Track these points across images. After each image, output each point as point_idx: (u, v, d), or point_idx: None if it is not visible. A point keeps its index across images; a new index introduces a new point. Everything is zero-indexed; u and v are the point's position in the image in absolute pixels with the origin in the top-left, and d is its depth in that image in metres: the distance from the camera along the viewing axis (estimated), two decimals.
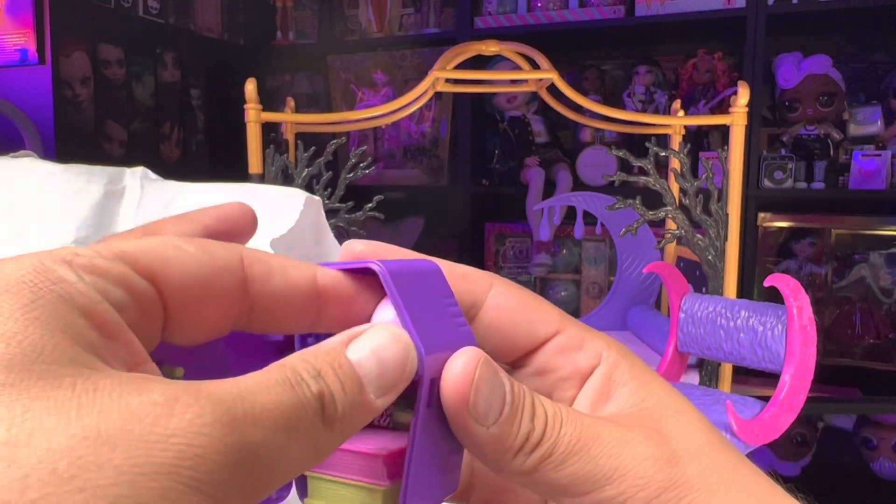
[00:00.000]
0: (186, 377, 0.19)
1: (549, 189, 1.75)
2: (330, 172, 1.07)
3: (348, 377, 0.17)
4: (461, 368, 0.19)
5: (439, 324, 0.20)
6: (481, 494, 0.25)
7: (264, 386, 0.16)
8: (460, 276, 0.22)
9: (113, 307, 0.16)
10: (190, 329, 0.18)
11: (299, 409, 0.16)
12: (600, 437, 0.20)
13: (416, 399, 0.19)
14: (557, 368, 0.22)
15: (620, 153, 0.96)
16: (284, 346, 0.23)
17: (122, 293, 0.16)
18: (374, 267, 0.19)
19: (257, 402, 0.15)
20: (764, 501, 0.20)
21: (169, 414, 0.13)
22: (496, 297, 0.22)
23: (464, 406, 0.19)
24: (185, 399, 0.14)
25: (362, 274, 0.20)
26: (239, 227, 0.22)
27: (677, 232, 0.95)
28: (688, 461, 0.20)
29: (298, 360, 0.17)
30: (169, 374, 0.19)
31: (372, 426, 0.22)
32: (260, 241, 0.45)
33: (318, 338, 0.22)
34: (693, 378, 1.01)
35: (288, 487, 0.22)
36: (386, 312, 0.20)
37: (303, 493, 0.22)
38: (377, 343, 0.18)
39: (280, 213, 0.52)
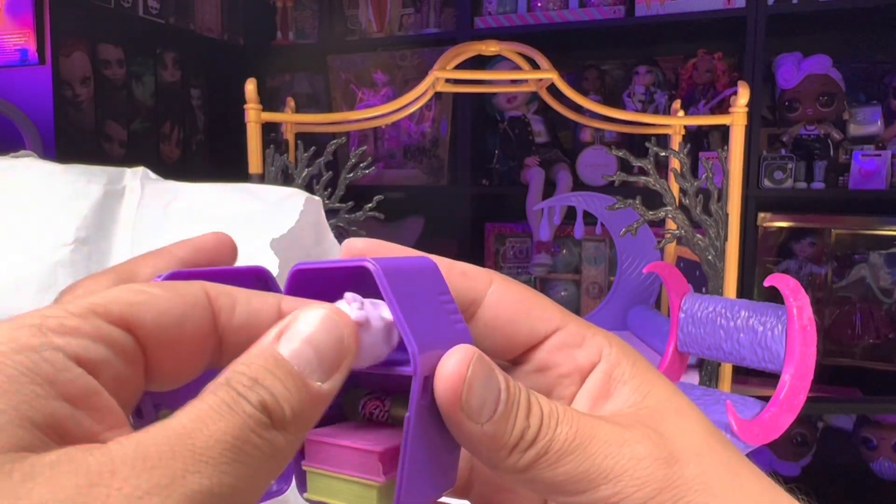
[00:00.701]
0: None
1: (549, 189, 1.75)
2: (330, 172, 1.07)
3: (287, 375, 0.17)
4: (454, 366, 0.19)
5: (434, 321, 0.20)
6: (481, 491, 0.25)
7: (202, 420, 0.15)
8: (460, 273, 0.22)
9: (95, 364, 0.16)
10: (169, 373, 0.18)
11: (245, 430, 0.15)
12: (597, 436, 0.20)
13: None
14: (557, 365, 0.22)
15: (620, 153, 0.96)
16: None
17: (102, 348, 0.16)
18: (368, 265, 0.19)
19: (198, 443, 0.15)
20: (765, 502, 0.20)
21: (106, 495, 0.13)
22: (496, 293, 0.22)
23: (457, 403, 0.19)
24: (122, 471, 0.14)
25: (357, 272, 0.20)
26: (217, 256, 0.23)
27: (677, 232, 0.95)
28: (687, 461, 0.20)
29: (232, 374, 0.16)
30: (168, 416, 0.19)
31: (371, 421, 0.22)
32: (260, 242, 0.45)
33: None
34: (693, 378, 1.01)
35: (287, 479, 0.23)
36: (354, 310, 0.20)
37: (302, 487, 0.22)
38: (307, 329, 0.18)
39: (280, 213, 0.52)
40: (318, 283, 0.22)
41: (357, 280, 0.21)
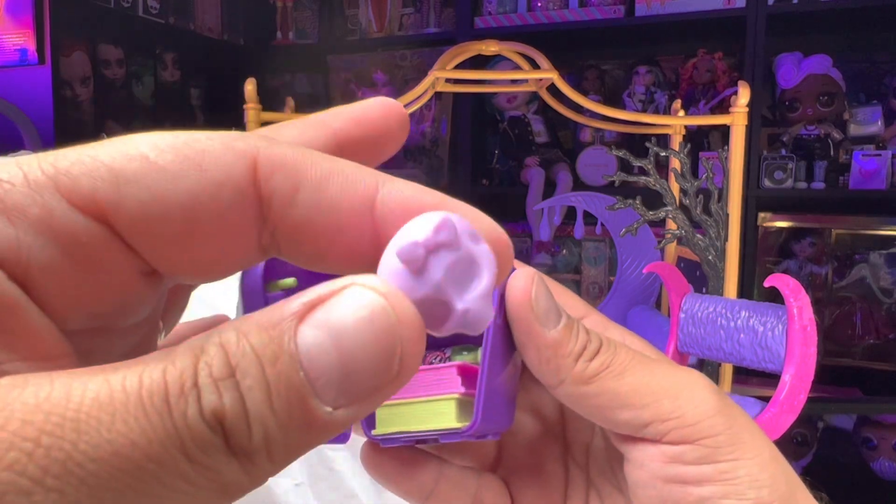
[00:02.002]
0: (301, 286, 0.16)
1: (549, 189, 1.75)
2: None
3: (284, 380, 0.11)
4: (523, 279, 0.20)
5: None
6: (508, 465, 0.26)
7: (109, 407, 0.10)
8: None
9: (26, 267, 0.11)
10: (187, 268, 0.13)
11: (170, 449, 0.10)
12: (653, 360, 0.22)
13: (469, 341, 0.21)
14: None
15: (620, 153, 0.96)
16: None
17: (44, 245, 0.11)
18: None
19: (91, 440, 0.09)
20: (770, 451, 0.21)
21: None
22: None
23: (528, 305, 0.20)
24: None
25: None
26: (382, 130, 0.16)
27: (677, 232, 0.95)
28: (730, 399, 0.22)
29: (199, 348, 0.11)
30: (277, 288, 0.17)
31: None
32: None
33: None
34: None
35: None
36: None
37: (370, 425, 0.22)
38: (348, 319, 0.11)
39: None
40: None
41: None
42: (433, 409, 0.21)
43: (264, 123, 1.07)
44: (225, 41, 2.07)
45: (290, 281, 0.17)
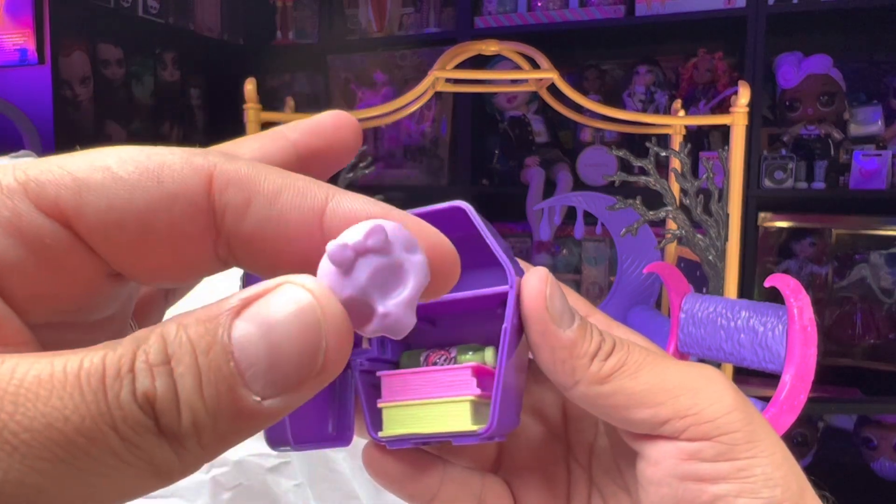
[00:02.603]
0: None
1: (549, 189, 1.75)
2: None
3: (215, 369, 0.12)
4: (537, 280, 0.21)
5: (507, 254, 0.22)
6: (508, 467, 0.26)
7: (48, 384, 0.11)
8: None
9: None
10: (145, 273, 0.14)
11: (100, 425, 0.11)
12: (668, 358, 0.22)
13: (474, 340, 0.22)
14: None
15: (621, 153, 0.96)
16: None
17: (11, 244, 0.12)
18: (461, 205, 0.21)
19: (27, 413, 0.10)
20: (785, 456, 0.21)
21: None
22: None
23: (542, 306, 0.20)
24: None
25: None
26: (337, 141, 0.18)
27: (678, 232, 0.95)
28: (745, 396, 0.22)
29: (142, 336, 0.12)
30: None
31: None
32: None
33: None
34: None
35: (348, 427, 0.23)
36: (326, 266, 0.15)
37: (376, 426, 0.22)
38: (275, 316, 0.12)
39: None
40: None
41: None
42: (446, 410, 0.21)
43: (264, 123, 1.07)
44: (225, 41, 2.07)
45: None
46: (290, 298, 0.12)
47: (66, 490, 0.11)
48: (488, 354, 0.22)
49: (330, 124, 0.18)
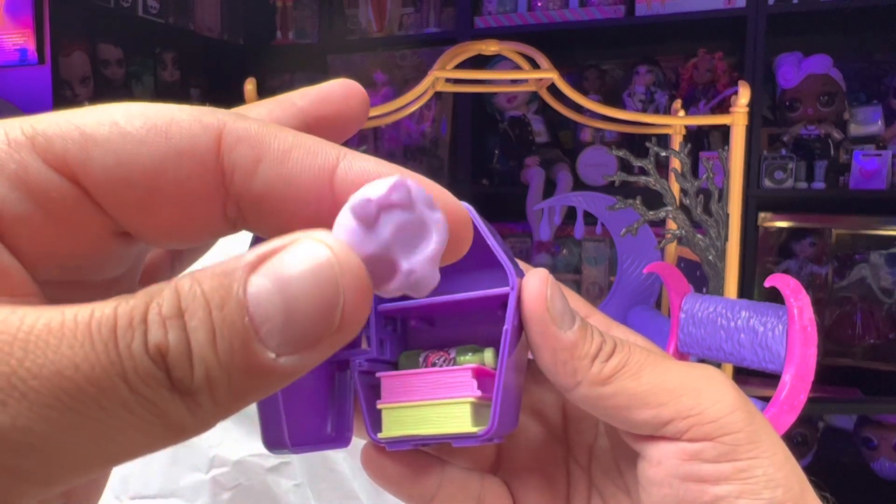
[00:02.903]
0: None
1: (549, 189, 1.75)
2: None
3: (229, 324, 0.11)
4: (537, 281, 0.21)
5: (508, 255, 0.22)
6: (507, 468, 0.26)
7: (58, 332, 0.11)
8: None
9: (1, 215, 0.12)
10: (153, 232, 0.14)
11: (111, 375, 0.10)
12: (669, 359, 0.22)
13: (473, 341, 0.21)
14: None
15: (621, 153, 0.96)
16: None
17: (17, 198, 0.12)
18: (463, 205, 0.20)
19: (37, 360, 0.10)
20: (787, 459, 0.21)
21: None
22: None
23: (543, 307, 0.20)
24: None
25: None
26: (345, 110, 0.17)
27: (678, 232, 0.95)
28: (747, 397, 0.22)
29: (156, 290, 0.12)
30: None
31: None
32: None
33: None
34: None
35: (348, 430, 0.23)
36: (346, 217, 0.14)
37: (376, 428, 0.22)
38: (292, 271, 0.12)
39: None
40: None
41: None
42: (447, 412, 0.21)
43: None
44: (225, 41, 2.07)
45: None
46: (308, 253, 0.12)
47: (73, 440, 0.11)
48: (488, 356, 0.22)
49: (339, 92, 0.17)
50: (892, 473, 1.40)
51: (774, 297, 0.73)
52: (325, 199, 0.14)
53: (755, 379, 1.39)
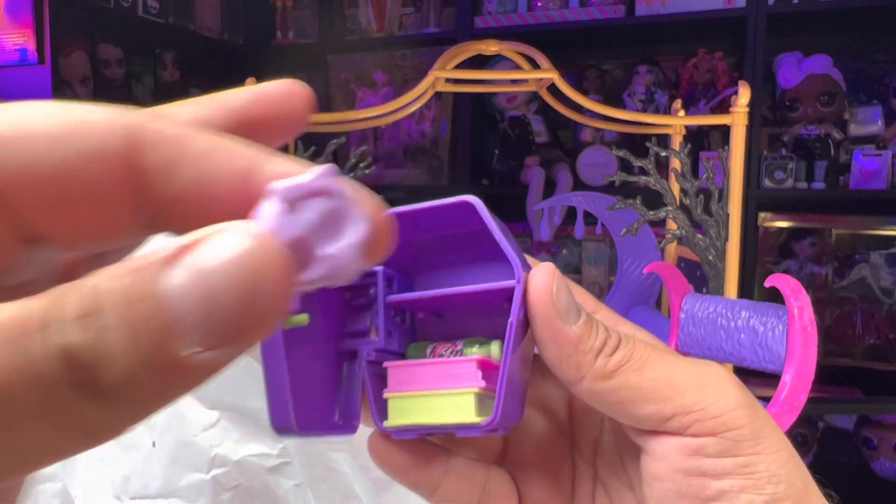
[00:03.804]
0: (314, 322, 0.18)
1: (549, 189, 1.75)
2: None
3: (144, 321, 0.11)
4: (543, 275, 0.21)
5: (515, 249, 0.22)
6: (513, 458, 0.26)
7: None
8: None
9: None
10: (64, 235, 0.13)
11: (21, 380, 0.10)
12: (673, 354, 0.22)
13: (480, 332, 0.22)
14: None
15: (621, 153, 0.96)
16: (360, 293, 0.23)
17: None
18: (471, 199, 0.21)
19: None
20: (792, 456, 0.21)
21: None
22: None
23: (549, 300, 0.20)
24: None
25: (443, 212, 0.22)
26: (285, 111, 0.16)
27: (678, 232, 0.95)
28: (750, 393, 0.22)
29: (66, 289, 0.11)
30: (290, 324, 0.16)
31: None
32: None
33: (401, 283, 0.24)
34: None
35: (355, 418, 0.23)
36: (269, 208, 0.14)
37: (382, 416, 0.23)
38: (210, 264, 0.11)
39: None
40: (408, 224, 0.22)
41: (441, 223, 0.23)
42: (451, 402, 0.21)
43: None
44: (225, 41, 2.07)
45: (302, 317, 0.17)
46: (227, 244, 0.12)
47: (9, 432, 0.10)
48: (494, 348, 0.22)
49: (278, 93, 0.16)
50: (892, 473, 1.40)
51: (774, 297, 0.73)
52: (244, 200, 0.13)
53: (755, 379, 1.38)
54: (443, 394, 0.21)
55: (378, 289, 0.23)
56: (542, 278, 0.21)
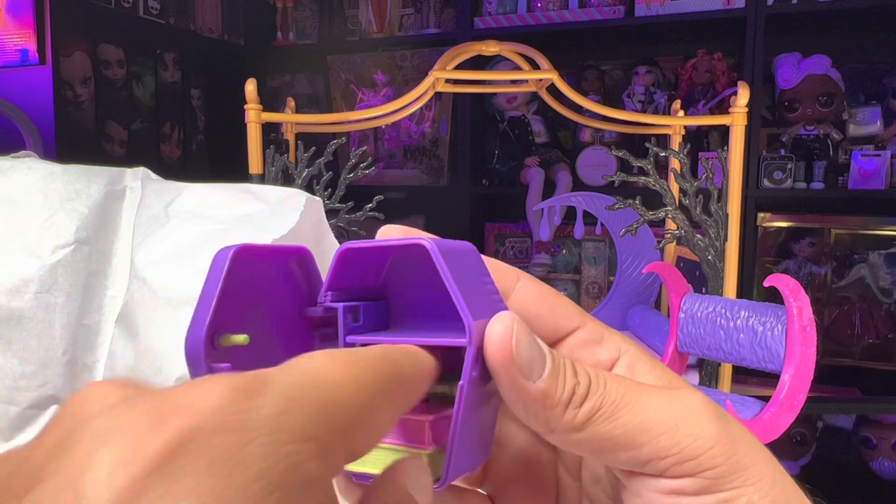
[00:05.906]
0: (254, 343, 0.20)
1: (549, 189, 1.75)
2: (330, 173, 1.07)
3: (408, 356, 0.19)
4: (501, 328, 0.20)
5: (481, 299, 0.21)
6: (493, 481, 0.25)
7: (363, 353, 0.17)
8: (490, 267, 0.23)
9: None
10: None
11: (388, 374, 0.17)
12: (647, 392, 0.21)
13: (452, 371, 0.20)
14: (580, 361, 0.23)
15: (620, 153, 0.96)
16: (323, 322, 0.23)
17: None
18: (424, 242, 0.20)
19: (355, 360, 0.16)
20: (780, 473, 0.21)
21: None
22: (522, 290, 0.23)
23: (508, 359, 0.19)
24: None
25: (401, 251, 0.22)
26: None
27: (677, 232, 0.95)
28: (731, 420, 0.21)
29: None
30: (228, 342, 0.18)
31: None
32: (261, 242, 0.45)
33: (366, 311, 0.23)
34: (693, 378, 1.01)
35: None
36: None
37: None
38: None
39: (281, 213, 0.52)
40: (362, 261, 0.22)
41: (400, 259, 0.22)
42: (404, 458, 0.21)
43: (265, 124, 1.07)
44: (225, 41, 2.07)
45: (241, 338, 0.17)
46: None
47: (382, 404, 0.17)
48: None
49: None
50: (892, 473, 1.41)
51: (774, 296, 0.74)
52: None
53: (755, 378, 1.39)
54: (397, 449, 0.21)
55: (339, 326, 0.22)
56: (500, 333, 0.19)
